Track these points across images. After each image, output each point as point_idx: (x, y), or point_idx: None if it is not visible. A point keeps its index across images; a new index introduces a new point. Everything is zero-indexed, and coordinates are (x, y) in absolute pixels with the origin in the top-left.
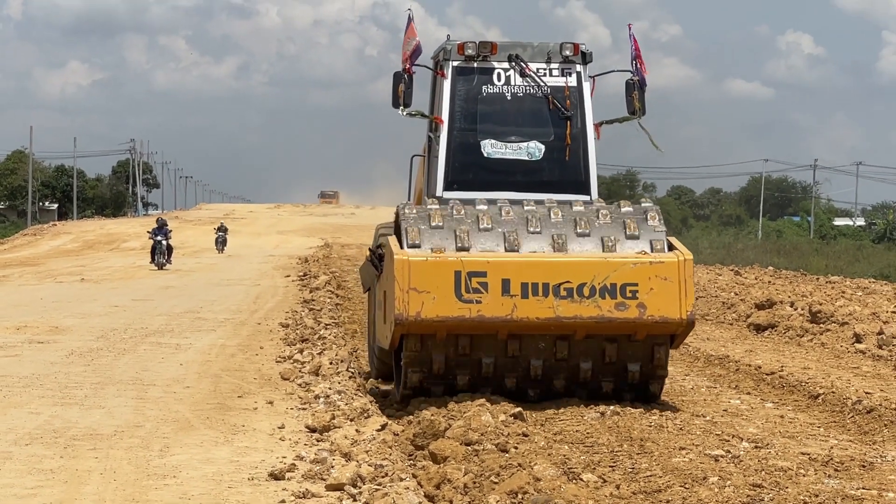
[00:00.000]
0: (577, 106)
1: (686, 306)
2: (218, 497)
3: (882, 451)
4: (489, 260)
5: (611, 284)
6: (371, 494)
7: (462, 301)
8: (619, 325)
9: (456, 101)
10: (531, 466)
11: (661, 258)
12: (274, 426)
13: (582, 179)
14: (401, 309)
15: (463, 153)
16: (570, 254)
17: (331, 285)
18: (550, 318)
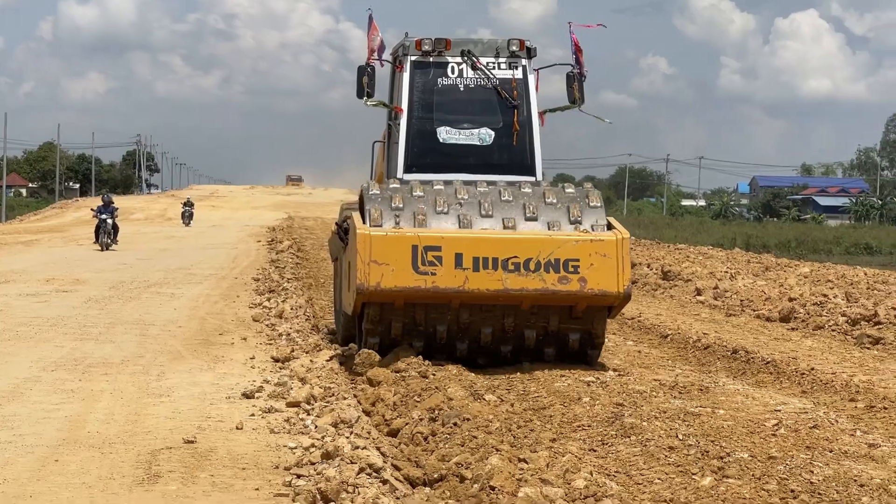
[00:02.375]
0: (523, 96)
1: (623, 281)
2: (202, 412)
3: (715, 378)
4: (444, 235)
5: (555, 260)
6: (321, 409)
7: (418, 273)
8: (561, 297)
9: (414, 92)
10: (445, 389)
11: (601, 236)
12: (247, 357)
13: (528, 163)
14: (362, 279)
15: (421, 139)
16: (518, 231)
17: (292, 249)
18: (499, 289)
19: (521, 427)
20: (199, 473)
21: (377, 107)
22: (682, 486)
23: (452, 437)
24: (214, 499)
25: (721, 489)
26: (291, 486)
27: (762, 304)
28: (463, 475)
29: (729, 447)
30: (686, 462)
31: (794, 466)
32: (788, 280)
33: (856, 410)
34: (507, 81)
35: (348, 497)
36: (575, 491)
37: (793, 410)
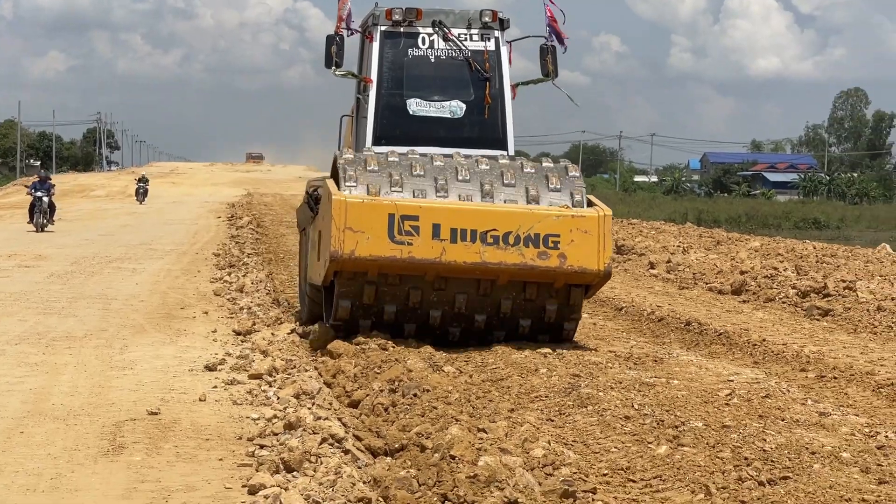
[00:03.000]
0: (496, 68)
1: (604, 258)
2: (165, 384)
3: (669, 349)
4: (421, 205)
5: (534, 234)
6: (283, 381)
7: (394, 242)
8: (540, 272)
9: (384, 63)
10: (405, 361)
11: (583, 212)
12: (208, 330)
13: (500, 136)
14: (336, 246)
15: (390, 111)
16: (498, 204)
17: (252, 225)
18: (476, 262)
19: (479, 398)
20: (163, 444)
21: (345, 77)
22: (639, 454)
23: (413, 408)
24: (178, 469)
25: (676, 457)
26: (255, 457)
27: (714, 277)
28: (423, 445)
29: (683, 416)
30: (642, 431)
31: (748, 435)
32: (740, 254)
33: (806, 380)
34: (479, 53)
35: (311, 467)
36: (533, 460)
37: (745, 380)
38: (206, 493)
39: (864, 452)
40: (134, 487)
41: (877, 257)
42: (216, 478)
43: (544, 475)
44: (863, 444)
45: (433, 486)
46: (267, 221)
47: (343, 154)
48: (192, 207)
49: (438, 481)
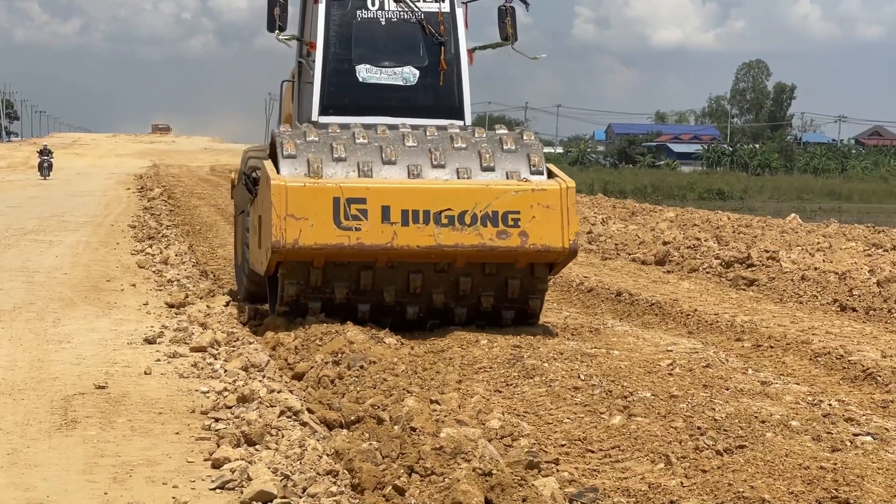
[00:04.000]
0: (451, 31)
1: (569, 235)
2: (107, 357)
3: (603, 320)
4: (369, 186)
5: (492, 212)
6: (228, 354)
7: (341, 228)
8: (500, 253)
9: (330, 26)
10: (345, 333)
11: (543, 185)
12: (140, 303)
13: (456, 105)
14: (278, 236)
15: (338, 78)
16: (452, 181)
17: (164, 196)
18: (431, 246)
19: (426, 369)
20: (116, 419)
21: (289, 41)
22: (593, 425)
23: (362, 380)
24: (136, 443)
25: (632, 427)
26: (212, 430)
27: (637, 248)
28: (380, 417)
29: (631, 387)
30: (592, 402)
31: (697, 405)
32: (660, 225)
33: (743, 350)
34: (432, 15)
35: (273, 440)
36: (491, 431)
37: (684, 350)
38: (168, 467)
39: (811, 420)
40: (94, 462)
41: (791, 227)
42: (176, 452)
43: (504, 447)
44: (809, 412)
45: (397, 458)
46: (178, 193)
47: (282, 133)
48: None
49: (402, 453)
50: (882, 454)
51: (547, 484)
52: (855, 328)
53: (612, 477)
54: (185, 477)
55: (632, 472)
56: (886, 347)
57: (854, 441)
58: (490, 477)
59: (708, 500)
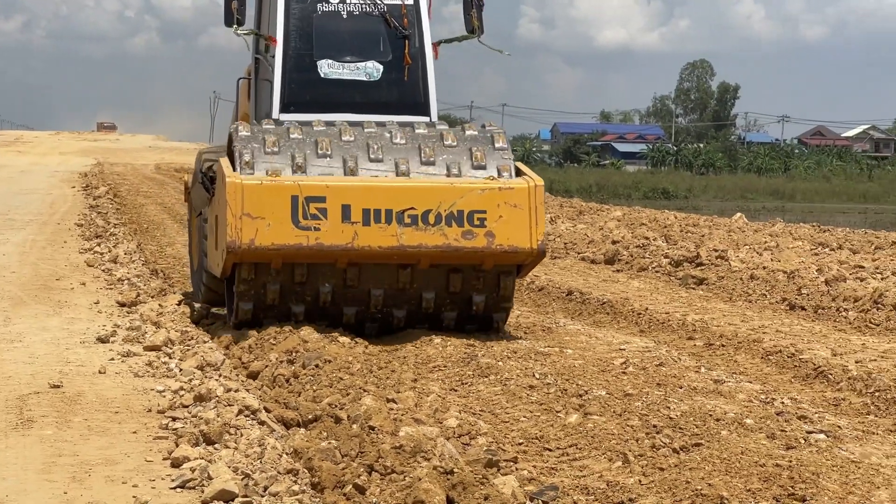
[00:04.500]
0: (415, 24)
1: (537, 235)
2: (60, 356)
3: (555, 319)
4: (328, 184)
5: (457, 211)
6: (183, 353)
7: (299, 228)
8: (465, 254)
9: (290, 20)
10: (299, 331)
11: (511, 184)
12: (91, 302)
13: (421, 100)
14: (233, 236)
15: (299, 74)
16: (415, 179)
17: (109, 194)
18: (393, 246)
19: (381, 368)
20: (72, 418)
21: (248, 36)
22: (549, 423)
23: (317, 379)
24: (94, 443)
25: (588, 426)
26: (170, 429)
27: (586, 247)
28: (338, 416)
29: (585, 385)
30: (548, 400)
31: (651, 403)
32: (608, 224)
33: (695, 348)
34: (396, 8)
35: (232, 439)
36: (449, 430)
37: (637, 349)
38: (127, 466)
39: (765, 419)
40: (52, 462)
41: (737, 226)
42: (134, 451)
43: (462, 445)
44: (762, 410)
45: (357, 457)
46: (123, 191)
47: (239, 129)
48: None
49: (361, 452)
50: (836, 451)
51: (507, 482)
52: (804, 327)
53: (570, 475)
54: (145, 476)
55: (590, 471)
56: (836, 346)
57: (808, 439)
58: (451, 475)
59: (666, 497)
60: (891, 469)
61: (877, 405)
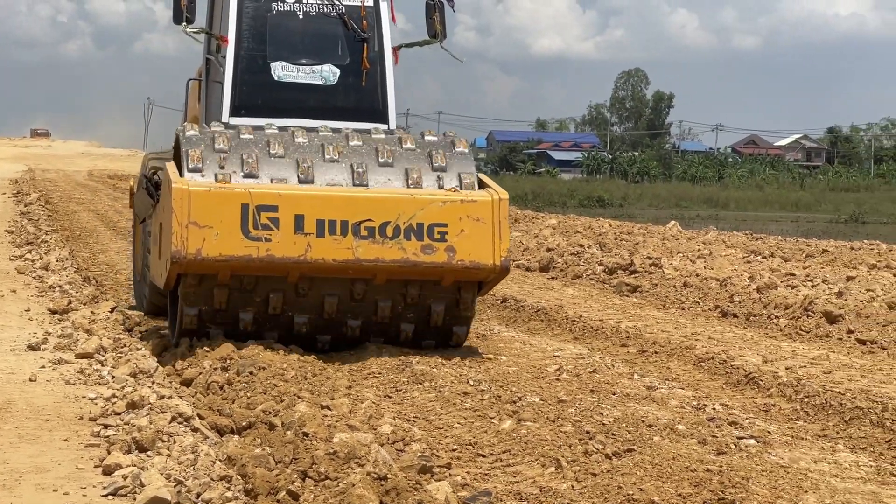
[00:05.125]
0: (374, 27)
1: (500, 251)
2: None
3: (489, 326)
4: (281, 193)
5: (417, 224)
6: (115, 360)
7: (249, 238)
8: (424, 269)
9: (243, 19)
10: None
11: (474, 196)
12: (21, 309)
13: (379, 107)
14: (178, 245)
15: (251, 76)
16: (373, 189)
17: (41, 201)
18: (349, 260)
19: (316, 375)
20: (2, 426)
21: (197, 34)
22: (483, 429)
23: (252, 386)
24: (24, 451)
25: (522, 432)
26: (101, 437)
27: (521, 255)
28: (272, 422)
29: (519, 392)
30: (482, 407)
31: (585, 409)
32: (543, 231)
33: (628, 355)
34: (355, 10)
35: (164, 446)
36: (383, 436)
37: (570, 356)
38: (58, 474)
39: (697, 424)
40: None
41: (671, 234)
42: (65, 458)
43: (396, 452)
44: (694, 416)
45: (290, 464)
46: (55, 198)
47: (186, 131)
48: None
49: (295, 458)
50: (765, 457)
51: (440, 488)
52: (736, 334)
53: (503, 481)
54: (76, 484)
55: (523, 476)
56: (767, 353)
57: (738, 444)
58: (385, 481)
59: (599, 502)
60: (818, 474)
61: (806, 411)
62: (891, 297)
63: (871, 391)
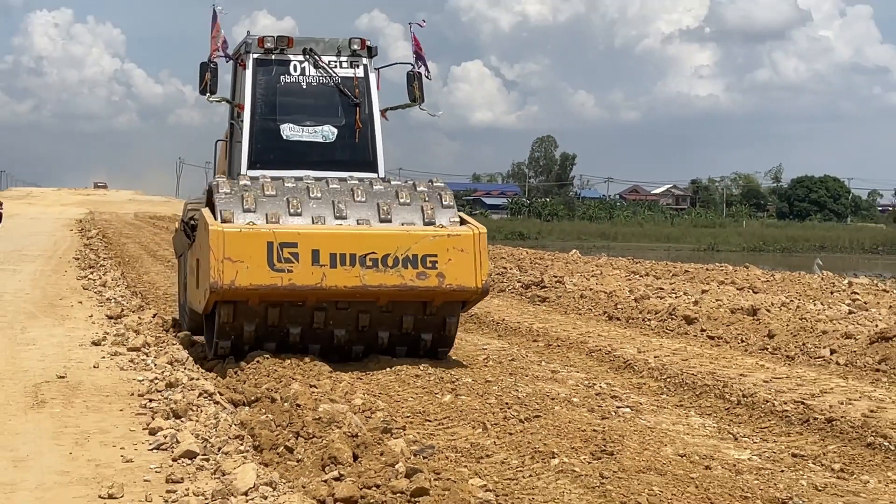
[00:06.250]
0: (365, 94)
1: (481, 276)
2: (64, 356)
3: None
4: (300, 232)
5: (412, 255)
6: (157, 352)
7: (274, 270)
8: (420, 292)
9: (257, 89)
10: None
11: (458, 231)
12: (86, 315)
13: (370, 159)
14: (216, 277)
15: (264, 136)
16: (376, 227)
17: (99, 236)
18: (357, 286)
19: (306, 363)
20: (74, 400)
21: (219, 103)
22: (430, 402)
23: (258, 371)
24: (91, 418)
25: (458, 403)
26: (147, 408)
27: None
28: (273, 397)
29: (457, 375)
30: (429, 385)
31: (505, 387)
32: None
33: (539, 347)
34: (349, 80)
35: (194, 414)
36: (355, 407)
37: (495, 348)
38: (116, 434)
39: (587, 398)
40: (61, 431)
41: (573, 259)
42: (121, 423)
43: (365, 418)
44: (585, 391)
45: (287, 427)
46: (110, 233)
47: (219, 184)
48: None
49: (290, 423)
50: (637, 420)
51: (397, 444)
52: (619, 332)
53: (444, 439)
54: (130, 441)
55: (458, 435)
56: (641, 346)
57: (617, 412)
58: (356, 438)
59: (513, 454)
60: (675, 433)
61: (668, 388)
62: (733, 304)
63: (716, 373)
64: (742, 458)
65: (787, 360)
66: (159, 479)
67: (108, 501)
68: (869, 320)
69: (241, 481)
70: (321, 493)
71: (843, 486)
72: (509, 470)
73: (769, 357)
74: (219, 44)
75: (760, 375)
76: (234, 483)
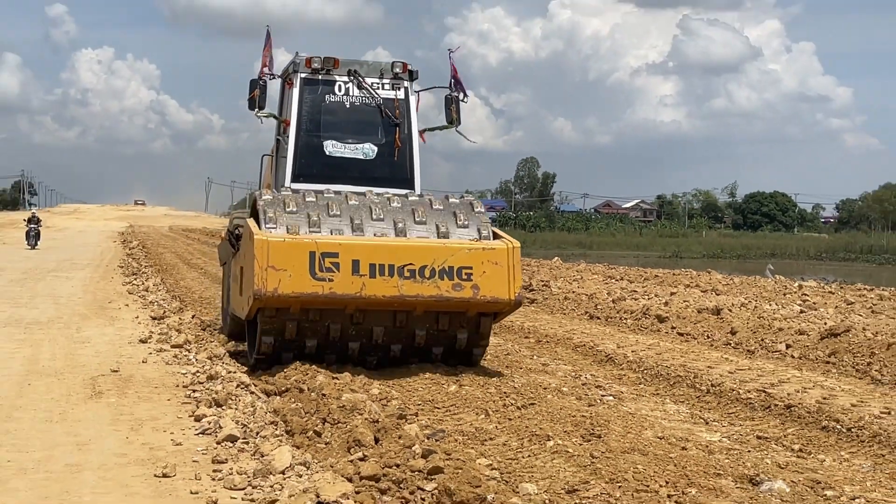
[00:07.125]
0: (405, 115)
1: (514, 288)
2: (115, 352)
3: None
4: (341, 242)
5: (449, 267)
6: (198, 349)
7: (315, 279)
8: (455, 303)
9: (303, 107)
10: None
11: (493, 245)
12: (133, 317)
13: (408, 177)
14: (260, 285)
15: (308, 151)
16: (413, 239)
17: (140, 246)
18: (395, 295)
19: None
20: (127, 391)
21: (267, 118)
22: (438, 391)
23: (287, 364)
24: (143, 407)
25: (463, 392)
26: (191, 398)
27: None
28: (301, 388)
29: (460, 367)
30: (437, 377)
31: (503, 378)
32: None
33: (530, 343)
34: (390, 102)
35: (233, 402)
36: (373, 396)
37: (492, 345)
38: (166, 420)
39: (575, 388)
40: (117, 418)
41: (556, 266)
42: (170, 412)
43: (382, 405)
44: (573, 382)
45: (314, 413)
46: (149, 245)
47: (262, 195)
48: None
49: (317, 410)
50: (620, 407)
51: (412, 428)
52: (600, 330)
53: (452, 423)
54: (178, 427)
55: (464, 421)
56: (619, 341)
57: (602, 399)
58: (377, 423)
59: (513, 436)
60: (654, 418)
61: (645, 378)
62: (699, 305)
63: (686, 365)
64: (713, 440)
65: (748, 354)
66: (206, 459)
67: (163, 480)
68: (818, 318)
69: (279, 461)
70: (348, 472)
71: (802, 463)
72: (510, 451)
73: (733, 351)
74: (267, 62)
75: (726, 367)
76: (273, 463)
